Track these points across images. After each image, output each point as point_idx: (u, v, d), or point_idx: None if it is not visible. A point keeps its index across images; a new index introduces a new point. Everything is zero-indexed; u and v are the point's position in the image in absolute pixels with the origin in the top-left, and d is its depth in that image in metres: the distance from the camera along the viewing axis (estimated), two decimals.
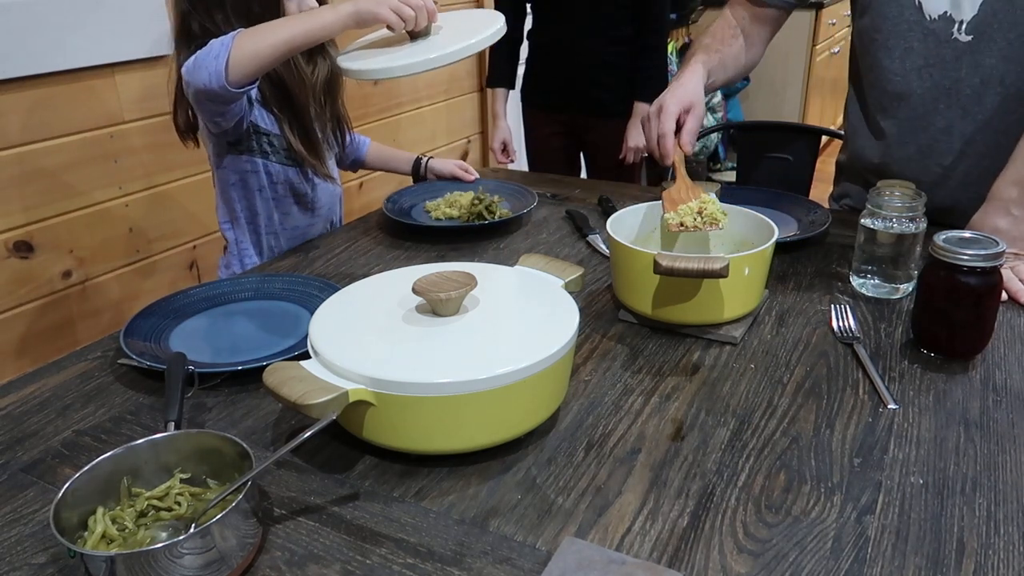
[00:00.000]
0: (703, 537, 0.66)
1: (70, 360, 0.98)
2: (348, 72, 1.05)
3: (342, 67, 1.06)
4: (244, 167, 1.33)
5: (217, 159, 1.34)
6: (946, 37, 1.18)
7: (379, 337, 0.78)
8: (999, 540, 0.65)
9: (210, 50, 1.11)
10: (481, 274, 0.87)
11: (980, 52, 1.16)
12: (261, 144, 1.34)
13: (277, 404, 0.86)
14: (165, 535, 0.65)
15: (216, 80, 1.10)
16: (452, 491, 0.73)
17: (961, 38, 1.16)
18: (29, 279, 1.62)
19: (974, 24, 1.15)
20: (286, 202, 1.40)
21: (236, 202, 1.36)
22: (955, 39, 1.17)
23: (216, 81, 1.10)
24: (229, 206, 1.37)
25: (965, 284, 0.87)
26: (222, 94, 1.12)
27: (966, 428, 0.80)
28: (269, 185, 1.37)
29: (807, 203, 1.38)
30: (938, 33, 1.18)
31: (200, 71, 1.10)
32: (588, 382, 0.90)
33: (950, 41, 1.18)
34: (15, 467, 0.78)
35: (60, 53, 1.57)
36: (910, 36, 1.21)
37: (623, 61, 2.11)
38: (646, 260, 0.92)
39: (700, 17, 4.13)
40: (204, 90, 1.12)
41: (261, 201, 1.37)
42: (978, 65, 1.17)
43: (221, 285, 1.12)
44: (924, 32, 1.19)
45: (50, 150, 1.61)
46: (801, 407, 0.84)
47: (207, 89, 1.11)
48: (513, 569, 0.64)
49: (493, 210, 1.42)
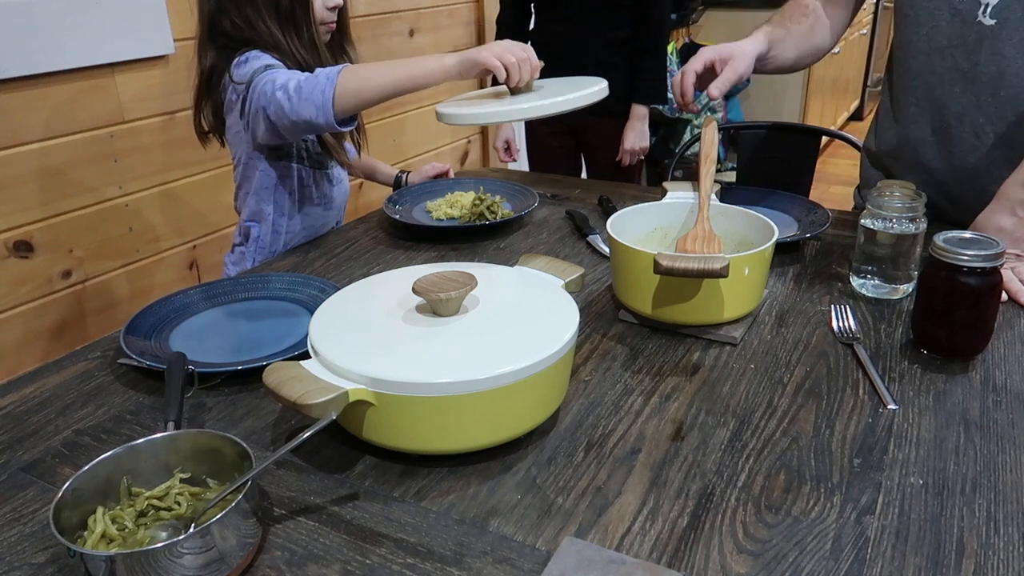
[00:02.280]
0: (703, 537, 0.66)
1: (70, 360, 0.98)
2: (444, 116, 1.05)
3: (440, 112, 1.06)
4: (280, 171, 1.35)
5: (249, 161, 1.34)
6: (971, 18, 1.17)
7: (379, 337, 0.78)
8: (999, 540, 0.65)
9: (315, 83, 1.12)
10: (481, 274, 0.87)
11: (1000, 39, 1.15)
12: (299, 150, 1.36)
13: (277, 404, 0.86)
14: (165, 535, 0.65)
15: (324, 116, 1.12)
16: (452, 491, 0.73)
17: (985, 21, 1.16)
18: (29, 279, 1.62)
19: (999, 8, 1.15)
20: (309, 202, 1.42)
21: (264, 203, 1.37)
22: (979, 21, 1.16)
23: (324, 116, 1.12)
24: (258, 207, 1.37)
25: (965, 284, 0.87)
26: (325, 127, 1.14)
27: (966, 428, 0.80)
28: (299, 187, 1.39)
29: (807, 203, 1.38)
30: (964, 14, 1.18)
31: (306, 104, 1.12)
32: (588, 382, 0.90)
33: (974, 23, 1.17)
34: (15, 467, 0.78)
35: (60, 53, 1.57)
36: (938, 15, 1.21)
37: (623, 62, 2.11)
38: (646, 260, 0.92)
39: (700, 17, 4.13)
40: (308, 122, 1.14)
41: (289, 203, 1.38)
42: (996, 52, 1.16)
43: (221, 285, 1.13)
44: (952, 11, 1.19)
45: (50, 150, 1.61)
46: (801, 407, 0.84)
47: (311, 122, 1.13)
48: (513, 569, 0.64)
49: (495, 210, 1.42)
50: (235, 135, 1.33)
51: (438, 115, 1.08)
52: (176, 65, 1.80)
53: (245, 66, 1.24)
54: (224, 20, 1.27)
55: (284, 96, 1.14)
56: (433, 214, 1.45)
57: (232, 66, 1.26)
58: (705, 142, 1.13)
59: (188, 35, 1.81)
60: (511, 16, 2.23)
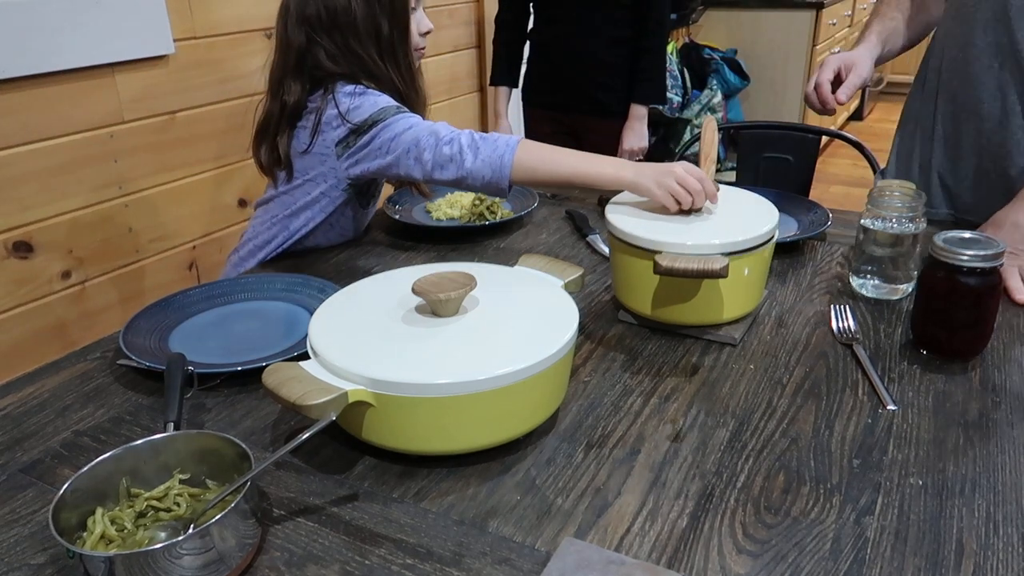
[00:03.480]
0: (702, 538, 0.66)
1: (69, 360, 0.98)
2: (610, 223, 1.00)
3: (607, 214, 1.02)
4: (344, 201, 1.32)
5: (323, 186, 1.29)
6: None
7: (379, 337, 0.78)
8: (998, 541, 0.65)
9: (495, 147, 1.14)
10: (481, 274, 0.87)
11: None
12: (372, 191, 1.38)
13: (276, 405, 0.86)
14: (164, 536, 0.65)
15: (497, 179, 1.14)
16: (451, 492, 0.73)
17: None
18: (29, 279, 1.62)
19: None
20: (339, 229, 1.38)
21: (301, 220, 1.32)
22: None
23: (498, 178, 1.14)
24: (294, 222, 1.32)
25: (965, 284, 0.87)
26: (494, 188, 1.16)
27: (965, 429, 0.80)
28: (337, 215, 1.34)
29: (807, 203, 1.38)
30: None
31: (483, 165, 1.14)
32: (588, 382, 0.90)
33: None
34: (14, 467, 0.78)
35: (59, 53, 1.57)
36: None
37: (623, 62, 2.11)
38: (646, 260, 0.92)
39: (700, 17, 4.12)
40: (481, 180, 1.15)
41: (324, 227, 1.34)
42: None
43: (221, 285, 1.12)
44: None
45: (50, 150, 1.61)
46: (800, 408, 0.84)
47: (484, 180, 1.15)
48: (512, 570, 0.64)
49: (495, 210, 1.42)
50: (319, 160, 1.27)
51: (605, 219, 1.02)
52: (176, 65, 1.80)
53: (361, 98, 1.22)
54: (318, 51, 1.25)
55: (455, 149, 1.15)
56: (433, 214, 1.45)
57: (338, 94, 1.23)
58: (705, 142, 1.13)
59: (188, 35, 1.81)
60: (510, 16, 2.23)
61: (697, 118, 3.83)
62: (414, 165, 1.18)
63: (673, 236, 0.93)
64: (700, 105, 3.87)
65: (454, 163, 1.15)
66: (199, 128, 1.89)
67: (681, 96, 3.86)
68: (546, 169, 1.14)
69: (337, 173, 1.27)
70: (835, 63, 1.29)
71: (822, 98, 1.29)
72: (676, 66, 3.86)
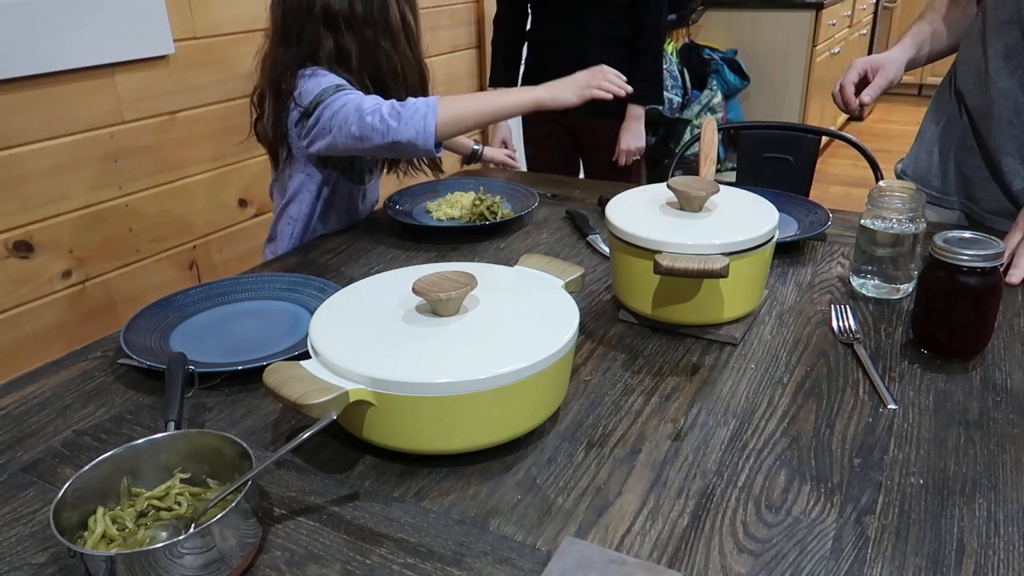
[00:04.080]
0: (703, 537, 0.66)
1: (70, 360, 0.98)
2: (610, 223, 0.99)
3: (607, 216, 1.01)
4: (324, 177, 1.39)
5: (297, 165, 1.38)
6: None
7: (379, 337, 0.78)
8: (999, 541, 0.65)
9: (415, 110, 1.18)
10: (481, 274, 0.87)
11: None
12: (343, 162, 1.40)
13: (277, 404, 0.87)
14: (165, 535, 0.65)
15: (423, 139, 1.18)
16: (452, 491, 0.73)
17: None
18: (29, 279, 1.62)
19: None
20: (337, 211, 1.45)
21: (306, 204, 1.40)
22: None
23: (423, 140, 1.18)
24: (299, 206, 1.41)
25: (965, 284, 0.87)
26: (421, 150, 1.20)
27: (966, 428, 0.80)
28: (330, 195, 1.42)
29: (807, 203, 1.38)
30: None
31: (407, 127, 1.18)
32: (588, 382, 0.90)
33: None
34: (15, 467, 0.78)
35: (60, 53, 1.57)
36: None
37: (621, 63, 2.10)
38: (646, 260, 0.92)
39: (700, 17, 4.12)
40: (407, 143, 1.19)
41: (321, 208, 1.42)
42: None
43: (221, 285, 1.12)
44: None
45: (50, 150, 1.61)
46: (801, 407, 0.84)
47: (410, 143, 1.19)
48: (513, 569, 0.64)
49: (495, 210, 1.42)
50: (293, 141, 1.36)
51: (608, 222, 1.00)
52: (176, 65, 1.80)
53: (311, 80, 1.27)
54: (327, 41, 1.30)
55: (376, 119, 1.19)
56: (433, 214, 1.45)
57: (297, 78, 1.29)
58: (705, 142, 1.13)
59: (188, 35, 1.81)
60: (509, 16, 2.23)
61: (697, 118, 3.83)
62: (348, 139, 1.22)
63: (673, 236, 0.93)
64: (700, 105, 3.87)
65: (377, 132, 1.19)
66: (199, 128, 1.89)
67: (681, 96, 3.86)
68: (469, 115, 1.21)
69: (303, 153, 1.34)
70: (861, 66, 1.32)
71: (845, 100, 1.32)
72: (676, 66, 3.86)
